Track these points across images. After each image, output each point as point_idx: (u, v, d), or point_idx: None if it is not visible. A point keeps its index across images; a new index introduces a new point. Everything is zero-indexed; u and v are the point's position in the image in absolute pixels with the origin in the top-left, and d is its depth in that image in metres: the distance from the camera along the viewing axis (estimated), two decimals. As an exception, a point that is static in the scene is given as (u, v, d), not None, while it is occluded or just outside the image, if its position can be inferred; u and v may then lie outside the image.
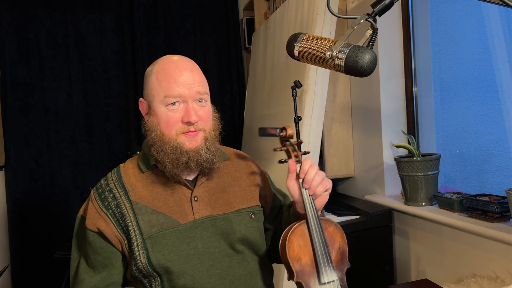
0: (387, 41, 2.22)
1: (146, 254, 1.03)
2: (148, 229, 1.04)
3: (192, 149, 1.04)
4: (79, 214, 1.14)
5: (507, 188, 1.48)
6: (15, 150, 3.09)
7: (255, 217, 1.15)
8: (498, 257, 1.52)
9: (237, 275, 1.09)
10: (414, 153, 1.91)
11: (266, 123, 2.66)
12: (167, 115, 1.03)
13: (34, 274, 3.15)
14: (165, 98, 1.03)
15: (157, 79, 1.06)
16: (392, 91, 2.24)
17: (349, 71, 0.93)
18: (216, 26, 3.59)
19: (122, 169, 1.14)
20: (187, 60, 1.11)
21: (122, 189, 1.08)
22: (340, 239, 1.08)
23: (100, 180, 1.14)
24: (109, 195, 1.08)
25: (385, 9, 0.94)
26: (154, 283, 1.06)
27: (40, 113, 3.17)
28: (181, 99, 1.04)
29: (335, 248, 1.06)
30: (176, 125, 1.04)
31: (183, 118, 1.04)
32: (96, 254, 1.07)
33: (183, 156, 1.03)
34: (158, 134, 1.05)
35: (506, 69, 1.78)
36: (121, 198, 1.07)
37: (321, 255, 1.02)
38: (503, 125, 1.82)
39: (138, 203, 1.06)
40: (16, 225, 3.10)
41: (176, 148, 1.03)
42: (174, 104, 1.03)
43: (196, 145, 1.05)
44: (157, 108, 1.05)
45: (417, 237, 1.99)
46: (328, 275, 1.02)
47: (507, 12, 1.72)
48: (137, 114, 3.37)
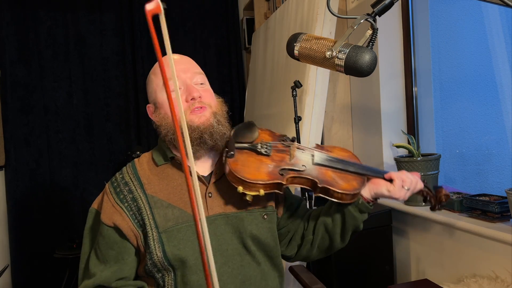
0: (387, 41, 2.22)
1: (161, 248, 1.04)
2: (164, 223, 1.05)
3: (202, 123, 1.06)
4: (93, 207, 1.15)
5: (507, 188, 1.48)
6: (15, 150, 3.09)
7: (267, 218, 1.15)
8: (498, 257, 1.52)
9: (247, 275, 1.10)
10: (414, 153, 1.91)
11: (266, 123, 2.66)
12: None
13: (34, 274, 3.15)
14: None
15: (154, 75, 1.12)
16: (392, 91, 2.24)
17: (349, 71, 0.93)
18: (216, 26, 3.59)
19: (137, 163, 1.15)
20: (183, 55, 1.16)
21: (138, 182, 1.09)
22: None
23: (115, 174, 1.14)
24: (124, 188, 1.09)
25: (385, 9, 0.95)
26: (167, 278, 1.06)
27: (40, 113, 3.17)
28: (181, 82, 1.07)
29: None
30: (182, 106, 1.05)
31: (186, 97, 1.06)
32: (110, 249, 1.07)
33: (194, 132, 1.04)
34: (168, 122, 1.08)
35: (506, 69, 1.78)
36: (137, 192, 1.08)
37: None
38: (503, 125, 1.82)
39: (153, 197, 1.07)
40: (16, 225, 3.10)
41: (187, 128, 1.03)
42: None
43: (206, 119, 1.07)
44: (161, 100, 1.09)
45: (417, 237, 1.99)
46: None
47: (507, 12, 1.72)
48: (137, 114, 3.37)
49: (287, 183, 1.06)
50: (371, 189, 1.12)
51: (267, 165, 1.06)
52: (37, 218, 3.16)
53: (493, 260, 1.54)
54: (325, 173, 1.10)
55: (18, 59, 3.10)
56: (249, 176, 1.02)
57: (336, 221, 1.15)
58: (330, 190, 1.06)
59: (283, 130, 2.33)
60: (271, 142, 1.14)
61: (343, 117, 2.53)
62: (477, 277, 1.51)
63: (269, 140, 1.16)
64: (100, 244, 1.08)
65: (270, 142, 1.15)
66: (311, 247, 1.20)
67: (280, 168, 1.06)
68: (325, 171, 1.11)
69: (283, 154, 1.12)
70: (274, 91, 2.59)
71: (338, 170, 1.12)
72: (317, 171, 1.10)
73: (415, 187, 1.13)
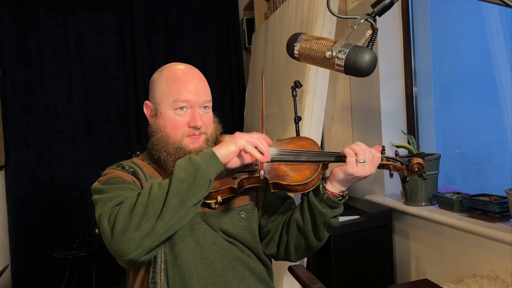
0: (387, 41, 2.22)
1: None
2: None
3: (195, 148, 1.12)
4: (95, 184, 1.12)
5: (507, 188, 1.48)
6: (15, 150, 3.09)
7: (245, 216, 1.17)
8: (498, 257, 1.52)
9: (235, 256, 1.14)
10: (414, 153, 1.91)
11: (266, 123, 2.66)
12: (174, 118, 1.12)
13: (34, 274, 3.15)
14: (174, 102, 1.12)
15: (167, 84, 1.14)
16: (392, 91, 2.24)
17: (349, 71, 0.94)
18: (216, 26, 3.59)
19: (130, 159, 1.22)
20: (194, 68, 1.19)
21: (136, 166, 1.16)
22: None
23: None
24: (126, 165, 1.15)
25: (385, 9, 0.95)
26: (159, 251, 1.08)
27: (40, 113, 3.17)
28: (189, 105, 1.12)
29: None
30: (182, 128, 1.12)
31: (189, 123, 1.12)
32: (134, 190, 1.06)
33: (185, 155, 1.09)
34: (164, 135, 1.13)
35: (506, 69, 1.78)
36: (136, 168, 1.15)
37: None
38: (503, 125, 1.82)
39: (151, 176, 1.15)
40: (16, 225, 3.10)
41: (180, 149, 1.11)
42: (182, 108, 1.12)
43: (199, 146, 1.13)
44: (164, 111, 1.14)
45: (417, 237, 1.99)
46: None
47: (507, 12, 1.72)
48: (137, 114, 3.37)
49: (241, 186, 1.10)
50: (331, 180, 1.10)
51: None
52: (37, 218, 3.16)
53: (493, 260, 1.54)
54: (277, 168, 1.11)
55: (18, 59, 3.10)
56: None
57: (306, 219, 1.14)
58: (282, 184, 1.07)
59: (283, 130, 2.33)
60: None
61: (343, 117, 2.53)
62: (477, 277, 1.51)
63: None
64: (121, 186, 1.07)
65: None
66: (287, 247, 1.20)
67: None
68: (277, 166, 1.12)
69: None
70: (274, 91, 2.59)
71: (290, 162, 1.12)
72: (269, 167, 1.11)
73: (371, 157, 1.06)
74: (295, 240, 1.18)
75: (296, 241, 1.18)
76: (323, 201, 1.10)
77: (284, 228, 1.21)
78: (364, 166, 1.05)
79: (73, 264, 3.01)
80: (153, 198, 0.95)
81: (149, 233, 0.93)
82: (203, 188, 0.98)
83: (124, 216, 0.94)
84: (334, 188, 1.10)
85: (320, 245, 1.18)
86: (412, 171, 1.08)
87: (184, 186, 0.96)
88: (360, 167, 1.05)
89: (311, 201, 1.12)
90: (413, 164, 1.07)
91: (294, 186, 1.07)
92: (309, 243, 1.17)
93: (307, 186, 1.07)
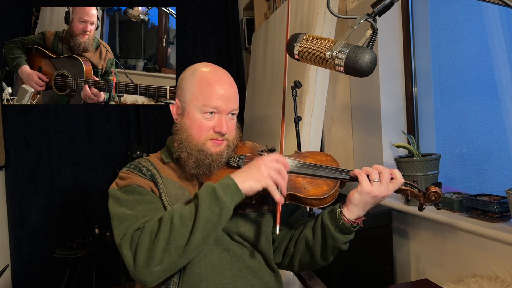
0: (387, 41, 2.22)
1: None
2: (175, 202, 1.11)
3: (216, 152, 1.14)
4: (113, 188, 1.14)
5: (507, 188, 1.48)
6: (15, 150, 3.09)
7: (262, 221, 1.18)
8: (498, 257, 1.52)
9: (246, 264, 1.14)
10: (414, 153, 1.91)
11: (266, 123, 2.66)
12: (201, 121, 1.13)
13: (34, 274, 3.15)
14: (204, 106, 1.12)
15: (198, 86, 1.14)
16: (392, 91, 2.24)
17: (349, 71, 0.94)
18: (216, 26, 3.59)
19: (147, 157, 1.23)
20: (227, 74, 1.19)
21: (152, 167, 1.17)
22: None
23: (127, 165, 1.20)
24: (143, 168, 1.15)
25: (385, 9, 0.95)
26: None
27: (40, 113, 3.17)
28: (217, 111, 1.13)
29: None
30: (207, 132, 1.14)
31: (215, 128, 1.13)
32: (151, 204, 1.09)
33: (207, 158, 1.12)
34: (188, 136, 1.14)
35: (506, 69, 1.78)
36: (154, 171, 1.15)
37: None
38: (503, 125, 1.82)
39: (167, 178, 1.15)
40: (16, 225, 3.10)
41: (202, 151, 1.13)
42: (210, 113, 1.13)
43: (220, 150, 1.15)
44: (192, 113, 1.14)
45: (417, 237, 1.99)
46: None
47: (507, 12, 1.72)
48: (137, 114, 3.37)
49: (256, 194, 1.08)
50: (348, 205, 1.08)
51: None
52: (37, 218, 3.16)
53: (493, 260, 1.54)
54: (294, 180, 1.11)
55: (18, 59, 3.10)
56: None
57: (316, 239, 1.13)
58: (298, 196, 1.07)
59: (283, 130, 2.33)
60: (245, 155, 1.19)
61: (343, 117, 2.53)
62: (477, 277, 1.51)
63: (246, 153, 1.21)
64: (139, 200, 1.08)
65: (245, 154, 1.19)
66: (292, 260, 1.21)
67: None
68: (294, 178, 1.11)
69: None
70: (274, 91, 2.59)
71: (308, 176, 1.11)
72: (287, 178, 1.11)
73: (388, 177, 1.05)
74: (301, 255, 1.18)
75: (302, 256, 1.18)
76: (338, 227, 1.09)
77: (292, 240, 1.20)
78: (380, 186, 1.04)
79: (73, 264, 3.01)
80: (174, 235, 0.95)
81: (171, 267, 0.97)
82: (225, 222, 0.99)
83: (145, 248, 0.96)
84: (351, 214, 1.08)
85: (325, 265, 1.18)
86: (429, 199, 1.08)
87: (209, 225, 0.96)
88: (376, 186, 1.04)
89: (325, 224, 1.11)
90: (430, 192, 1.07)
91: (311, 200, 1.06)
92: (314, 261, 1.17)
93: (323, 201, 1.06)
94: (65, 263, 3.01)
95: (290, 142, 2.08)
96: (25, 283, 3.13)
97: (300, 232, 1.18)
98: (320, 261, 1.16)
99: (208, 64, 1.19)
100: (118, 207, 1.08)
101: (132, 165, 1.17)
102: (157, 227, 0.98)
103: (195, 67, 1.19)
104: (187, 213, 0.97)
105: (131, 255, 0.97)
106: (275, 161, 1.03)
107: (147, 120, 3.41)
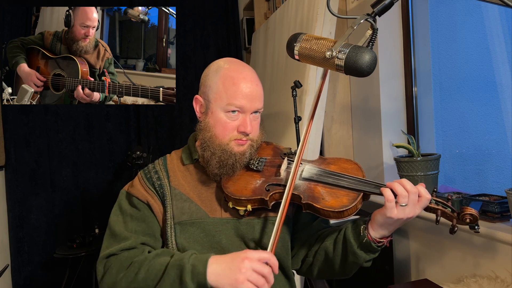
0: (387, 41, 2.22)
1: (175, 237, 1.10)
2: (179, 215, 1.12)
3: (239, 152, 1.12)
4: (124, 190, 1.19)
5: (507, 188, 1.48)
6: (15, 150, 3.09)
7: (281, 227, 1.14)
8: (498, 257, 1.52)
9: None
10: (414, 153, 1.91)
11: (266, 123, 2.65)
12: (225, 121, 1.11)
13: (34, 274, 3.15)
14: (227, 105, 1.09)
15: (223, 84, 1.10)
16: (392, 91, 2.24)
17: (349, 71, 0.93)
18: (216, 26, 3.59)
19: (168, 157, 1.23)
20: (252, 71, 1.15)
21: (165, 173, 1.17)
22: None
23: (148, 165, 1.23)
24: (154, 176, 1.16)
25: (385, 9, 0.95)
26: None
27: (40, 113, 3.17)
28: (242, 110, 1.10)
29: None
30: (231, 132, 1.11)
31: (239, 127, 1.11)
32: (142, 222, 1.12)
33: (230, 158, 1.10)
34: (212, 136, 1.12)
35: (506, 69, 1.78)
36: (164, 180, 1.15)
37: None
38: (503, 125, 1.82)
39: (175, 189, 1.14)
40: (16, 225, 3.10)
41: (225, 152, 1.10)
42: (234, 112, 1.10)
43: (243, 150, 1.13)
44: (216, 111, 1.11)
45: (417, 237, 1.99)
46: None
47: (507, 12, 1.72)
48: (137, 114, 3.37)
49: (272, 199, 1.06)
50: (371, 223, 1.02)
51: (256, 180, 1.08)
52: (37, 218, 3.16)
53: (493, 260, 1.54)
54: (313, 188, 1.06)
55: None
56: (234, 192, 1.07)
57: (337, 252, 1.08)
58: (314, 207, 1.01)
59: (283, 130, 2.33)
60: (266, 158, 1.17)
61: (343, 117, 2.53)
62: (477, 277, 1.51)
63: (269, 155, 1.18)
64: (132, 218, 1.12)
65: (266, 157, 1.17)
66: (311, 269, 1.17)
67: (267, 183, 1.08)
68: (313, 186, 1.06)
69: (275, 169, 1.13)
70: (274, 91, 2.59)
71: (328, 185, 1.05)
72: (305, 186, 1.06)
73: (415, 199, 0.97)
74: (320, 265, 1.15)
75: (321, 266, 1.15)
76: (361, 244, 1.03)
77: (312, 250, 1.16)
78: (405, 209, 0.96)
79: (73, 264, 3.01)
80: (135, 285, 1.01)
81: None
82: None
83: (112, 277, 1.03)
84: (375, 232, 1.02)
85: (346, 277, 1.13)
86: (463, 221, 0.97)
87: None
88: (400, 210, 0.96)
89: (348, 238, 1.05)
90: (465, 214, 0.96)
91: (328, 212, 1.01)
92: (333, 273, 1.13)
93: (341, 214, 1.00)
94: (65, 263, 3.01)
95: (290, 142, 2.09)
96: (25, 283, 3.12)
97: (321, 243, 1.14)
98: (339, 274, 1.12)
99: (232, 60, 1.16)
100: (116, 215, 1.14)
101: (146, 170, 1.19)
102: (126, 265, 1.03)
103: (218, 63, 1.15)
104: (153, 273, 1.00)
105: (102, 273, 1.06)
106: (261, 263, 0.93)
107: (147, 120, 3.41)
